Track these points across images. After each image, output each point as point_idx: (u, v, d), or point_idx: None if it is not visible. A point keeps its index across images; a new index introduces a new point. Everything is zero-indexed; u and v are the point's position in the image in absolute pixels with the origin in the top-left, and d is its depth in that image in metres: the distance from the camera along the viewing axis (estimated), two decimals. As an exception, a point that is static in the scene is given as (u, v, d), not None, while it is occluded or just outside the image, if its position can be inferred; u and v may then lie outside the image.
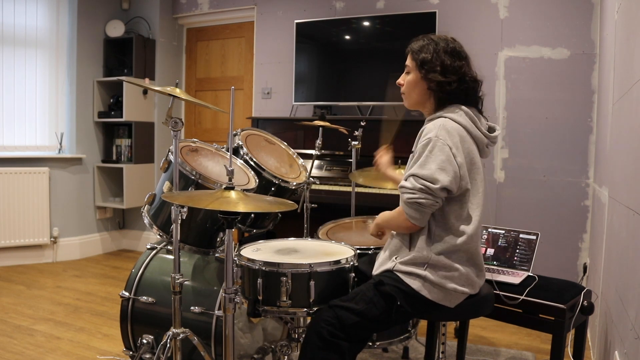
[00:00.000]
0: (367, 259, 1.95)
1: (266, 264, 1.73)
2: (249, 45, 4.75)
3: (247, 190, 2.08)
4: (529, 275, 2.10)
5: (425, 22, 3.71)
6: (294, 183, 2.42)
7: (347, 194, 3.20)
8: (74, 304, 3.45)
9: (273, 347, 2.19)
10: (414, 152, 1.67)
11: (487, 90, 3.63)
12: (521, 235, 2.26)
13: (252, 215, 2.31)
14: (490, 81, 3.68)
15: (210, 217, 2.15)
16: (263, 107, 4.56)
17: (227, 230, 1.56)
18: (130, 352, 2.32)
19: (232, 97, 1.63)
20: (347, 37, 4.05)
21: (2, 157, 4.27)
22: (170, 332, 1.98)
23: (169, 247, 2.36)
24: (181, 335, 1.98)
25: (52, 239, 4.54)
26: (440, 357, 2.33)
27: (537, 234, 2.24)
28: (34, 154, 4.47)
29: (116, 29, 4.81)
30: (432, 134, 1.60)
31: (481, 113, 1.74)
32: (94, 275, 4.20)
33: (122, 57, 4.91)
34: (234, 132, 2.44)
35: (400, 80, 1.79)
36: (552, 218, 3.56)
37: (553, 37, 3.54)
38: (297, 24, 4.18)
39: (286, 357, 1.99)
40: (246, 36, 4.78)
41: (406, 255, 1.65)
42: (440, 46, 1.68)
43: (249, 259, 1.77)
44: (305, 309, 1.73)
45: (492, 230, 2.33)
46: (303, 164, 2.67)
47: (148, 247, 2.44)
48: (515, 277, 2.07)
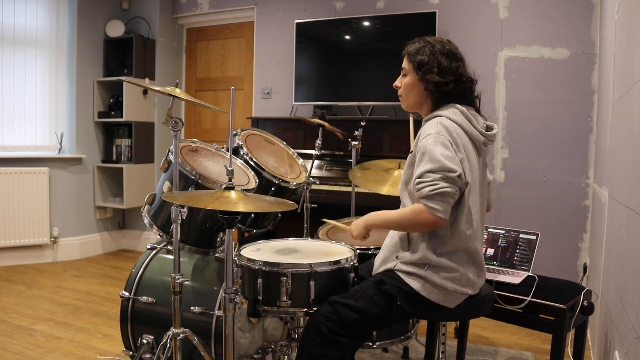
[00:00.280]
0: (367, 265, 1.95)
1: (266, 264, 1.73)
2: (249, 45, 4.75)
3: (247, 190, 2.08)
4: (529, 275, 2.10)
5: (425, 22, 3.71)
6: (294, 183, 2.42)
7: (347, 194, 3.20)
8: (74, 304, 3.45)
9: (273, 347, 2.19)
10: (413, 152, 1.67)
11: (487, 90, 3.62)
12: (521, 235, 2.26)
13: (252, 215, 2.31)
14: (490, 81, 3.68)
15: (210, 217, 2.15)
16: (263, 107, 4.56)
17: (227, 230, 1.56)
18: (130, 352, 2.32)
19: (232, 97, 1.63)
20: (347, 37, 4.05)
21: (2, 157, 4.27)
22: (170, 332, 1.99)
23: (169, 247, 2.36)
24: (181, 335, 1.99)
25: (52, 239, 4.54)
26: (440, 357, 2.33)
27: (537, 234, 2.24)
28: (34, 154, 4.47)
29: (116, 29, 4.81)
30: (433, 131, 1.60)
31: (478, 112, 1.74)
32: (94, 275, 4.20)
33: (122, 57, 4.91)
34: (234, 132, 2.44)
35: (397, 82, 1.80)
36: (552, 218, 3.56)
37: (553, 37, 3.54)
38: (297, 24, 4.18)
39: (286, 357, 1.99)
40: (246, 36, 4.78)
41: (407, 255, 1.65)
42: (437, 48, 1.69)
43: (249, 259, 1.77)
44: (305, 309, 1.72)
45: (492, 230, 2.33)
46: (303, 164, 2.67)
47: (148, 247, 2.44)
48: (515, 277, 2.07)
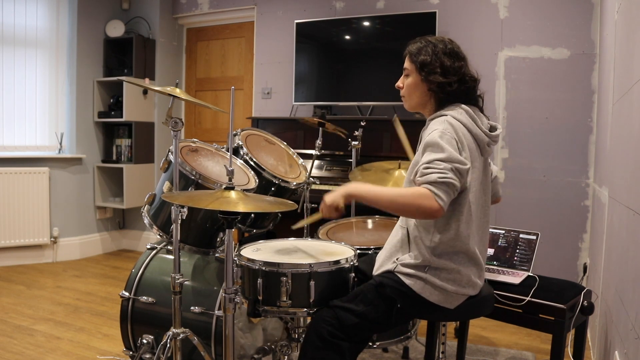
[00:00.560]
0: (367, 258, 1.95)
1: (266, 264, 1.73)
2: (249, 45, 4.75)
3: (247, 190, 2.08)
4: (529, 275, 2.10)
5: (425, 22, 3.71)
6: (294, 183, 2.42)
7: (347, 194, 3.19)
8: (74, 304, 3.45)
9: (273, 347, 2.19)
10: (417, 149, 1.65)
11: (487, 90, 3.62)
12: (521, 235, 2.26)
13: (252, 215, 2.31)
14: (490, 81, 3.68)
15: (210, 217, 2.15)
16: (263, 107, 4.56)
17: (227, 230, 1.56)
18: (130, 352, 2.32)
19: (232, 97, 1.63)
20: (347, 37, 4.05)
21: (2, 157, 4.27)
22: (170, 332, 1.99)
23: (169, 247, 2.36)
24: (181, 335, 1.99)
25: (52, 239, 4.54)
26: (440, 357, 2.33)
27: (537, 234, 2.24)
28: (34, 154, 4.47)
29: (116, 29, 4.81)
30: (440, 127, 1.57)
31: (482, 111, 1.73)
32: (94, 275, 4.20)
33: (122, 57, 4.91)
34: (234, 132, 2.44)
35: (399, 83, 1.77)
36: (552, 218, 3.56)
37: (553, 37, 3.54)
38: (297, 24, 4.18)
39: (286, 357, 1.98)
40: (246, 36, 4.78)
41: (407, 256, 1.65)
42: (439, 48, 1.67)
43: (249, 259, 1.77)
44: (305, 309, 1.72)
45: (492, 230, 2.33)
46: (303, 164, 2.67)
47: (148, 247, 2.44)
48: (515, 277, 2.07)
